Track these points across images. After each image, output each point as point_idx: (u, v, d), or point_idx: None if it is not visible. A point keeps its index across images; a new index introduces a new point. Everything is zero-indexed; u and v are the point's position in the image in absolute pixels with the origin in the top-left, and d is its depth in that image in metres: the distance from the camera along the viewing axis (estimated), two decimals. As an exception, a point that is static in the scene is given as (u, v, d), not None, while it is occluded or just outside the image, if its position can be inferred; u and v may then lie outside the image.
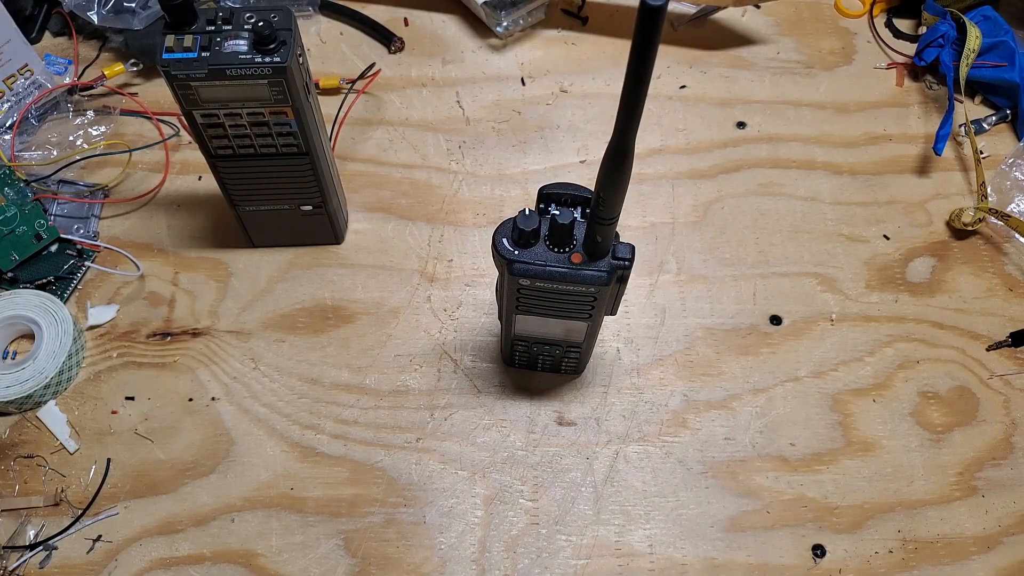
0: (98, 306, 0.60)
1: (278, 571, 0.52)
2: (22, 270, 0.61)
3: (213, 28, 0.47)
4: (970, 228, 0.64)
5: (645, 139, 0.68)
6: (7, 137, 0.65)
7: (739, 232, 0.64)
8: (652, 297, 0.61)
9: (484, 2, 0.71)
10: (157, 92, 0.70)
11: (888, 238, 0.64)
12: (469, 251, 0.63)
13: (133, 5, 0.67)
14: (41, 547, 0.52)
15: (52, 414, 0.56)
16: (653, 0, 0.25)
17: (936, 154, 0.66)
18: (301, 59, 0.49)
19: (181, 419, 0.56)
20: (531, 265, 0.43)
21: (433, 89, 0.71)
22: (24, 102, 0.66)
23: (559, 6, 0.76)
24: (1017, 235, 0.64)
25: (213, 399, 0.57)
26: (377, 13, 0.75)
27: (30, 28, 0.72)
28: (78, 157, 0.66)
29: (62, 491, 0.54)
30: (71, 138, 0.67)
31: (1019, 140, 0.68)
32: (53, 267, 0.61)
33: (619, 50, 0.74)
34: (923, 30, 0.74)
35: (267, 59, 0.47)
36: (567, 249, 0.43)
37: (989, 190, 0.65)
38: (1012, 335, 0.60)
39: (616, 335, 0.60)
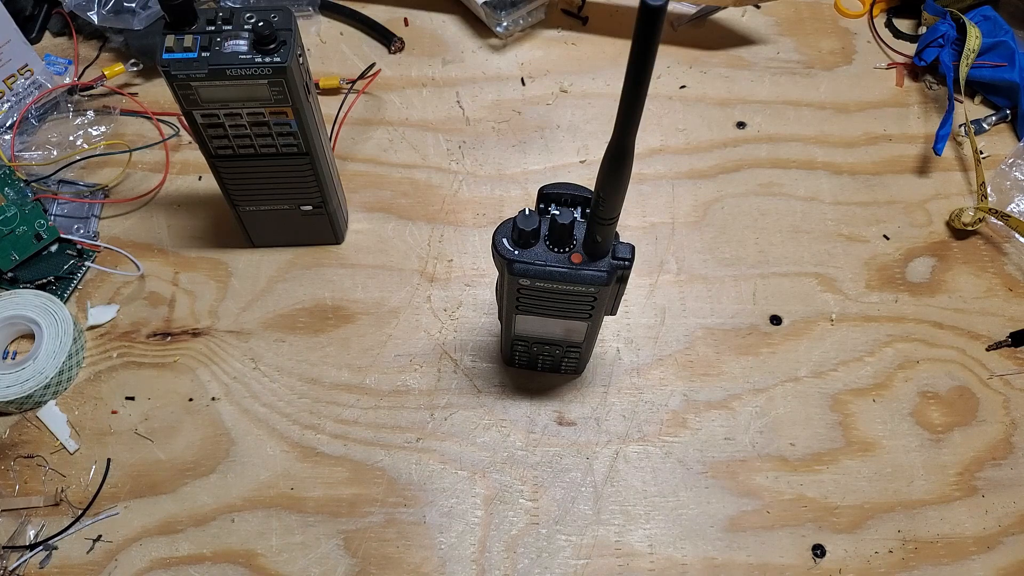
0: (98, 306, 0.60)
1: (278, 571, 0.52)
2: (22, 270, 0.61)
3: (213, 28, 0.47)
4: (970, 228, 0.64)
5: (645, 139, 0.68)
6: (7, 137, 0.65)
7: (739, 232, 0.64)
8: (652, 297, 0.61)
9: (484, 2, 0.71)
10: (157, 92, 0.70)
11: (888, 238, 0.64)
12: (469, 251, 0.63)
13: (133, 5, 0.67)
14: (41, 547, 0.52)
15: (52, 414, 0.56)
16: (653, 0, 0.25)
17: (936, 154, 0.66)
18: (301, 59, 0.49)
19: (181, 419, 0.56)
20: (531, 265, 0.43)
21: (433, 89, 0.71)
22: (24, 102, 0.66)
23: (559, 6, 0.76)
24: (1017, 235, 0.64)
25: (213, 399, 0.57)
26: (377, 13, 0.75)
27: (30, 28, 0.72)
28: (78, 157, 0.66)
29: (62, 491, 0.54)
30: (71, 138, 0.67)
31: (1019, 140, 0.68)
32: (53, 267, 0.61)
33: (619, 50, 0.74)
34: (923, 30, 0.74)
35: (267, 59, 0.47)
36: (567, 249, 0.43)
37: (989, 190, 0.65)
38: (1012, 335, 0.60)
39: (616, 335, 0.60)
